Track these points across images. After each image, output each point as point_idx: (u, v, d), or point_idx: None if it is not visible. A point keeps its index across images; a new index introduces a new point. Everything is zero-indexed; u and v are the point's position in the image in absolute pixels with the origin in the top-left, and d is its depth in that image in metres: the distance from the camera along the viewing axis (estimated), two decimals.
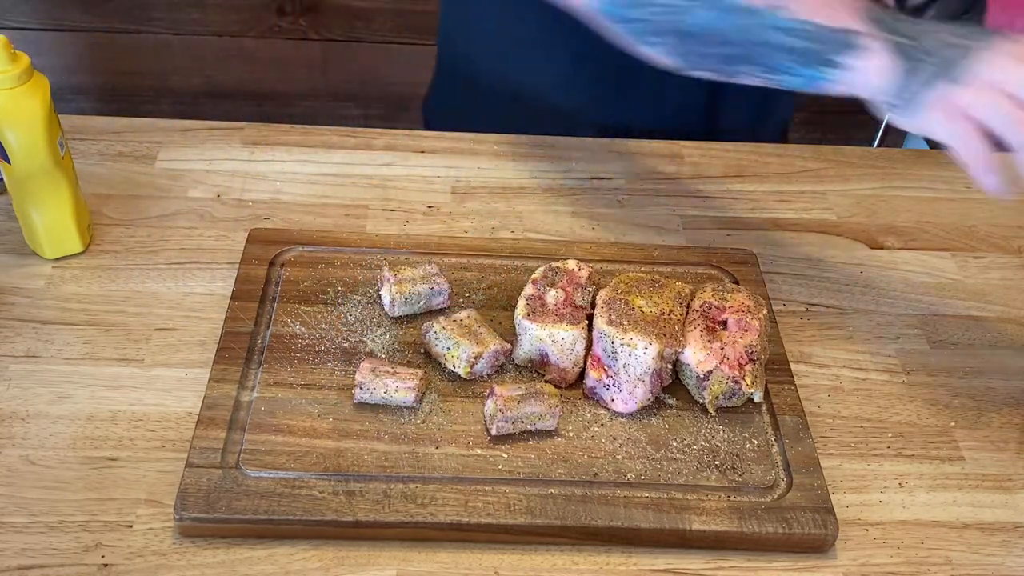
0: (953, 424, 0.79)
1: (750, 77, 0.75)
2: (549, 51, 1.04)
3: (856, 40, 0.70)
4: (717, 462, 0.72)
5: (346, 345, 0.78)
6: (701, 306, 0.78)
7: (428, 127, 1.19)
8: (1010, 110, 0.66)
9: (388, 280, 0.80)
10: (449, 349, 0.76)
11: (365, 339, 0.79)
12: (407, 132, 1.05)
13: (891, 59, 0.70)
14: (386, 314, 0.81)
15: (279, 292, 0.82)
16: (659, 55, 0.76)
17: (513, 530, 0.67)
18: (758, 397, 0.75)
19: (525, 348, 0.77)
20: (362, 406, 0.74)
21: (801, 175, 1.04)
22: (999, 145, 0.68)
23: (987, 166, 0.68)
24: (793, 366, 0.81)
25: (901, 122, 0.72)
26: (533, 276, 0.80)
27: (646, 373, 0.73)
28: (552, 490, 0.69)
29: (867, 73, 0.71)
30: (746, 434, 0.74)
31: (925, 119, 0.70)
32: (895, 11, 0.74)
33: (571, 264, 0.81)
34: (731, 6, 0.72)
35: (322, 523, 0.66)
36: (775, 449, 0.73)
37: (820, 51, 0.71)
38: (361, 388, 0.73)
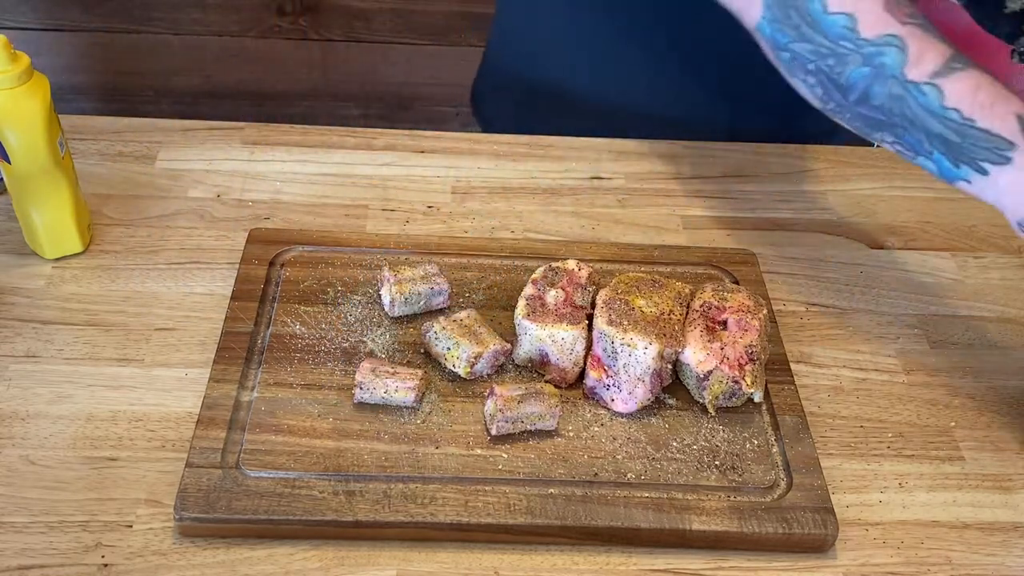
0: (953, 424, 0.79)
1: (887, 144, 0.73)
2: (622, 52, 1.04)
3: (1007, 152, 0.67)
4: (717, 462, 0.72)
5: (346, 345, 0.78)
6: (701, 306, 0.78)
7: (487, 126, 1.18)
8: None
9: (388, 280, 0.80)
10: (449, 349, 0.76)
11: (365, 339, 0.79)
12: (407, 132, 1.05)
13: None
14: (386, 314, 0.81)
15: (279, 292, 0.82)
16: (805, 92, 0.74)
17: (513, 530, 0.67)
18: (758, 397, 0.75)
19: (525, 348, 0.77)
20: (362, 406, 0.73)
21: (801, 175, 1.04)
22: None
23: None
24: (793, 366, 0.81)
25: None
26: (533, 276, 0.80)
27: (646, 373, 0.73)
28: (552, 490, 0.69)
29: (1008, 188, 0.67)
30: (746, 434, 0.74)
31: None
32: None
33: (571, 264, 0.81)
34: (890, 72, 0.69)
35: (322, 523, 0.66)
36: (775, 449, 0.73)
37: (966, 150, 0.67)
38: (361, 388, 0.73)
